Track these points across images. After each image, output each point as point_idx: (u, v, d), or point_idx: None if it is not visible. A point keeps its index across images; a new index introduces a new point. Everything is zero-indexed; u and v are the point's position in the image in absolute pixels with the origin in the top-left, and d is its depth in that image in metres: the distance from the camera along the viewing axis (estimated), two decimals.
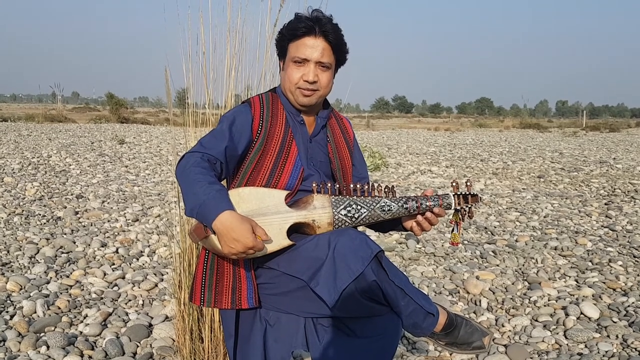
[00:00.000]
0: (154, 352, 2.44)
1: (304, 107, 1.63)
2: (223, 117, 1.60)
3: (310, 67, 1.56)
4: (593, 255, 4.02)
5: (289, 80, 1.59)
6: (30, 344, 2.44)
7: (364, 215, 1.55)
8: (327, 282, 1.35)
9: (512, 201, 6.26)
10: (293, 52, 1.57)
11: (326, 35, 1.56)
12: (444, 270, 3.69)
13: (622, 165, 9.50)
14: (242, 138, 1.55)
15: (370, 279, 1.35)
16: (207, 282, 1.54)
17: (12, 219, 4.84)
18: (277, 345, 1.53)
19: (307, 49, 1.55)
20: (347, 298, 1.36)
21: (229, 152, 1.51)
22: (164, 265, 3.71)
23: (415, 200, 1.60)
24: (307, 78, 1.57)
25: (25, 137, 12.63)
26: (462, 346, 1.55)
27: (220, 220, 1.32)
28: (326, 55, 1.58)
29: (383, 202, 1.57)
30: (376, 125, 29.96)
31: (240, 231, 1.32)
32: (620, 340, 2.63)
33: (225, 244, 1.34)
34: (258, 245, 1.34)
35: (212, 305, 1.53)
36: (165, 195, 6.18)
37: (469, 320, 1.59)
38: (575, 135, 20.43)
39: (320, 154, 1.68)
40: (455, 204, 1.65)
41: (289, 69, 1.59)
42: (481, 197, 1.85)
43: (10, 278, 3.23)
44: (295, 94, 1.60)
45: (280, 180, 1.56)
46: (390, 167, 9.23)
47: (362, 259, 1.35)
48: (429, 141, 16.47)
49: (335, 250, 1.36)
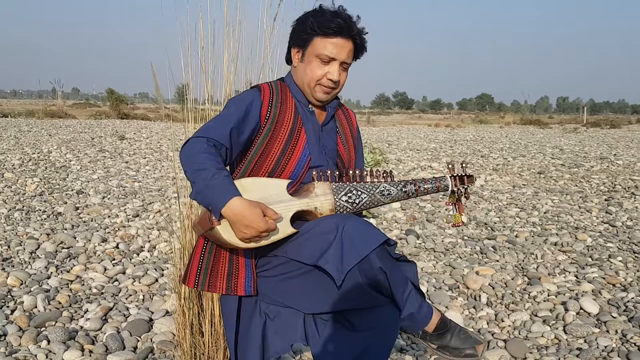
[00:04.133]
0: (154, 347, 2.45)
1: (320, 101, 1.64)
2: (230, 101, 1.59)
3: (335, 67, 1.57)
4: (593, 250, 4.02)
5: (310, 75, 1.59)
6: (31, 339, 2.44)
7: (365, 201, 1.58)
8: (335, 261, 1.36)
9: (513, 197, 6.26)
10: (320, 49, 1.56)
11: (355, 38, 1.58)
12: (444, 266, 3.70)
13: (622, 162, 9.49)
14: (249, 122, 1.54)
15: (376, 264, 1.36)
16: (203, 265, 1.55)
17: (12, 214, 4.85)
18: (277, 338, 1.54)
19: (336, 48, 1.56)
20: (351, 283, 1.36)
21: (234, 136, 1.51)
22: (164, 260, 3.71)
23: (413, 183, 1.64)
24: (332, 77, 1.57)
25: (25, 132, 12.62)
26: (454, 351, 1.54)
27: (230, 207, 1.32)
28: (350, 56, 1.60)
29: (382, 187, 1.60)
30: (377, 121, 29.93)
31: (252, 216, 1.33)
32: (619, 335, 2.63)
33: (238, 230, 1.35)
34: (271, 226, 1.36)
35: (206, 288, 1.54)
36: (165, 191, 6.18)
37: (463, 328, 1.58)
38: (575, 131, 20.40)
39: (331, 142, 1.69)
40: (453, 185, 1.69)
41: (313, 64, 1.58)
42: (476, 177, 1.89)
43: (11, 273, 3.24)
44: (314, 90, 1.60)
45: (287, 167, 1.56)
46: (390, 163, 9.22)
47: (368, 243, 1.36)
48: (430, 137, 16.45)
49: (343, 232, 1.37)
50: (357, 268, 1.35)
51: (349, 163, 1.72)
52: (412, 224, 4.89)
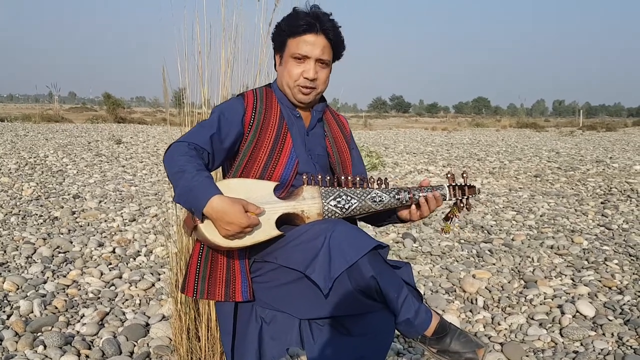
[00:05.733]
0: (151, 352, 2.44)
1: (302, 104, 1.64)
2: (214, 109, 1.62)
3: (311, 64, 1.58)
4: (589, 253, 4.03)
5: (288, 76, 1.60)
6: (27, 344, 2.44)
7: (355, 206, 1.55)
8: (323, 269, 1.35)
9: (509, 200, 6.28)
10: (293, 49, 1.58)
11: (326, 32, 1.58)
12: (441, 269, 3.70)
13: (618, 165, 9.52)
14: (231, 129, 1.55)
15: (366, 271, 1.35)
16: (201, 274, 1.55)
17: (9, 219, 4.84)
18: (273, 343, 1.54)
19: (308, 46, 1.56)
20: (341, 290, 1.36)
21: (215, 141, 1.52)
22: (160, 264, 3.71)
23: (407, 191, 1.60)
24: (307, 75, 1.58)
25: (22, 137, 12.59)
26: (454, 355, 1.50)
27: (211, 205, 1.33)
28: (326, 53, 1.59)
29: (374, 193, 1.57)
30: (373, 125, 29.97)
31: (233, 213, 1.34)
32: (615, 338, 2.64)
33: (220, 227, 1.36)
34: (253, 221, 1.37)
35: (205, 296, 1.54)
36: (162, 195, 6.18)
37: (463, 331, 1.56)
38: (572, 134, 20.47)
39: (318, 147, 1.68)
40: (451, 195, 1.65)
41: (289, 65, 1.59)
42: (479, 188, 1.80)
43: (7, 278, 3.23)
44: (293, 91, 1.61)
45: (274, 172, 1.56)
46: (387, 167, 9.24)
47: (357, 249, 1.35)
48: (426, 141, 16.48)
49: (331, 238, 1.37)
50: (346, 275, 1.34)
51: (342, 168, 1.71)
52: (409, 227, 4.90)
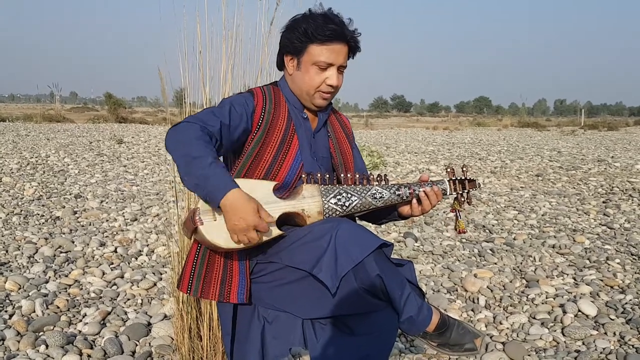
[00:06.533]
0: (152, 351, 2.44)
1: (318, 108, 1.64)
2: (224, 100, 1.59)
3: (334, 72, 1.57)
4: (591, 253, 4.03)
5: (309, 83, 1.57)
6: (29, 343, 2.44)
7: (355, 204, 1.54)
8: (329, 268, 1.35)
9: (511, 200, 6.27)
10: (317, 56, 1.54)
11: (352, 40, 1.57)
12: (442, 269, 3.70)
13: (620, 164, 9.51)
14: (240, 123, 1.53)
15: (372, 269, 1.35)
16: (196, 271, 1.55)
17: (10, 218, 4.84)
18: (276, 342, 1.54)
19: (333, 54, 1.55)
20: (347, 289, 1.36)
21: (224, 132, 1.50)
22: (162, 264, 3.71)
23: (407, 187, 1.60)
24: (331, 82, 1.57)
25: (23, 137, 12.61)
26: (454, 347, 1.55)
27: (228, 198, 1.34)
28: (346, 59, 1.60)
29: (374, 190, 1.57)
30: (375, 124, 29.96)
31: (247, 209, 1.34)
32: (617, 337, 2.64)
33: (229, 220, 1.36)
34: (262, 224, 1.37)
35: (199, 295, 1.54)
36: (164, 195, 6.18)
37: (461, 322, 1.59)
38: (573, 133, 20.44)
39: (322, 149, 1.68)
40: (451, 189, 1.64)
41: (311, 72, 1.56)
42: (479, 182, 1.79)
43: (9, 277, 3.23)
44: (313, 97, 1.60)
45: (279, 174, 1.55)
46: (388, 166, 9.23)
47: (362, 248, 1.36)
48: (428, 140, 16.47)
49: (336, 237, 1.37)
50: (352, 274, 1.34)
51: (342, 168, 1.70)
52: (411, 226, 4.89)
